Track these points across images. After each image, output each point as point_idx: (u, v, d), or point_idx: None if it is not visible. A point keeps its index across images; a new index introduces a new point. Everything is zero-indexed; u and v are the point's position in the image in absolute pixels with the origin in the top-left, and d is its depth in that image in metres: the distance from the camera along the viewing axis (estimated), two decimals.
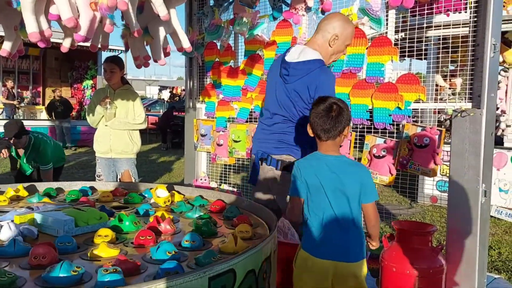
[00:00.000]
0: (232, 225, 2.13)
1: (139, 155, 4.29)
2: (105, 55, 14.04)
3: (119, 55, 5.54)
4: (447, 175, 2.66)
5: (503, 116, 6.71)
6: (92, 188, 2.86)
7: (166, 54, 2.55)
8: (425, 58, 3.64)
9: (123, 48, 2.95)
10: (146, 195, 2.70)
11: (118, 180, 4.07)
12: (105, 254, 1.62)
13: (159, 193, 2.48)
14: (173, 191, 2.66)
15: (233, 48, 3.73)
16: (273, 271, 1.85)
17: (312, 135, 2.08)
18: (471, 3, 2.53)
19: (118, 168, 4.13)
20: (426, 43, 2.93)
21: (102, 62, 4.33)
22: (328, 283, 2.01)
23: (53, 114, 12.17)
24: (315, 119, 2.03)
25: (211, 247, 1.79)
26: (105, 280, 1.32)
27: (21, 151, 4.75)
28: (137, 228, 1.98)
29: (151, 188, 2.70)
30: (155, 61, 2.62)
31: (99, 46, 2.39)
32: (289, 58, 2.51)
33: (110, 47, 13.59)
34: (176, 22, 2.39)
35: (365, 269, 2.08)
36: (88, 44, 2.26)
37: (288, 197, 2.17)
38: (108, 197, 2.61)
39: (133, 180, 4.07)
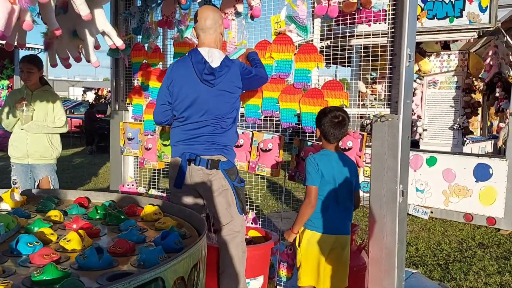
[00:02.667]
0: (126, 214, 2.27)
1: (62, 160, 4.06)
2: (23, 53, 13.14)
3: (37, 54, 5.20)
4: (370, 176, 2.81)
5: (419, 121, 7.23)
6: None
7: (78, 59, 2.47)
8: (348, 66, 3.83)
9: (43, 47, 2.77)
10: None
11: (36, 187, 3.81)
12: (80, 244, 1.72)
13: (16, 197, 2.36)
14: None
15: (161, 50, 3.66)
16: (203, 276, 1.83)
17: (318, 136, 2.64)
18: (389, 15, 2.69)
19: (36, 175, 3.87)
20: (349, 51, 3.08)
21: (19, 62, 4.03)
22: (327, 253, 2.55)
23: None
24: (328, 128, 2.55)
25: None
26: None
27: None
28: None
29: None
30: (88, 61, 2.50)
31: (15, 44, 2.23)
32: (213, 64, 2.55)
33: (28, 45, 12.72)
34: (105, 21, 2.29)
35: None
36: (2, 41, 2.08)
37: (239, 190, 2.61)
38: None
39: (52, 187, 3.83)
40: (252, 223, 3.31)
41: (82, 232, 1.81)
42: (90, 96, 26.54)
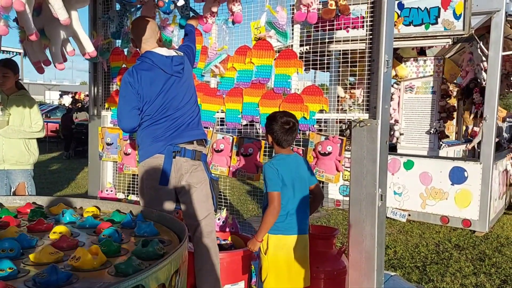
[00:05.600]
0: None
1: (38, 166, 3.98)
2: None
3: (13, 58, 5.10)
4: (349, 180, 2.84)
5: (397, 125, 7.36)
6: None
7: (64, 59, 2.41)
8: (327, 70, 3.87)
9: (18, 51, 2.74)
10: None
11: (12, 194, 3.73)
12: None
13: None
14: None
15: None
16: (184, 282, 1.82)
17: (270, 142, 2.64)
18: (367, 21, 2.74)
19: (13, 181, 3.79)
20: (328, 56, 3.12)
21: None
22: (293, 255, 2.57)
23: None
24: (281, 135, 2.57)
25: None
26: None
27: None
28: None
29: None
30: (54, 65, 2.46)
31: None
32: (174, 54, 2.72)
33: (3, 48, 12.41)
34: (77, 25, 2.26)
35: None
36: None
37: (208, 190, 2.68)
38: None
39: (29, 193, 3.75)
40: (232, 228, 3.31)
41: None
42: (67, 100, 26.07)
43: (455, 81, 7.36)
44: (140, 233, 1.93)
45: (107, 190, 3.72)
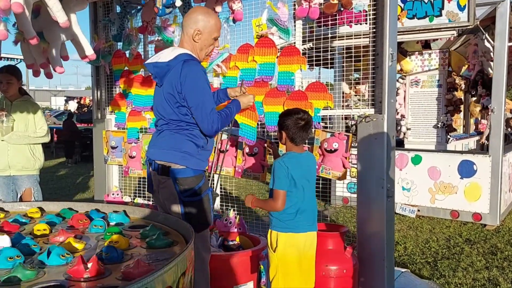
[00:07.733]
0: None
1: (45, 171, 3.98)
2: (0, 63, 12.87)
3: (16, 65, 5.11)
4: (356, 177, 2.80)
5: (403, 120, 7.29)
6: None
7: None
8: (331, 67, 3.84)
9: (21, 57, 2.73)
10: None
11: (19, 200, 3.73)
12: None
13: None
14: None
15: (142, 57, 3.61)
16: (191, 284, 1.80)
17: (284, 139, 2.54)
18: (370, 15, 2.70)
19: (19, 187, 3.79)
20: (332, 52, 3.08)
21: None
22: (303, 252, 2.54)
23: None
24: (296, 131, 2.50)
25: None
26: None
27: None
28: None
29: None
30: (53, 69, 2.45)
31: None
32: (153, 59, 2.41)
33: (6, 55, 12.49)
34: (76, 28, 2.25)
35: None
36: None
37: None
38: None
39: (35, 199, 3.75)
40: (240, 228, 3.28)
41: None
42: (72, 106, 26.25)
43: (461, 74, 7.28)
44: (113, 221, 2.15)
45: (113, 194, 3.71)
